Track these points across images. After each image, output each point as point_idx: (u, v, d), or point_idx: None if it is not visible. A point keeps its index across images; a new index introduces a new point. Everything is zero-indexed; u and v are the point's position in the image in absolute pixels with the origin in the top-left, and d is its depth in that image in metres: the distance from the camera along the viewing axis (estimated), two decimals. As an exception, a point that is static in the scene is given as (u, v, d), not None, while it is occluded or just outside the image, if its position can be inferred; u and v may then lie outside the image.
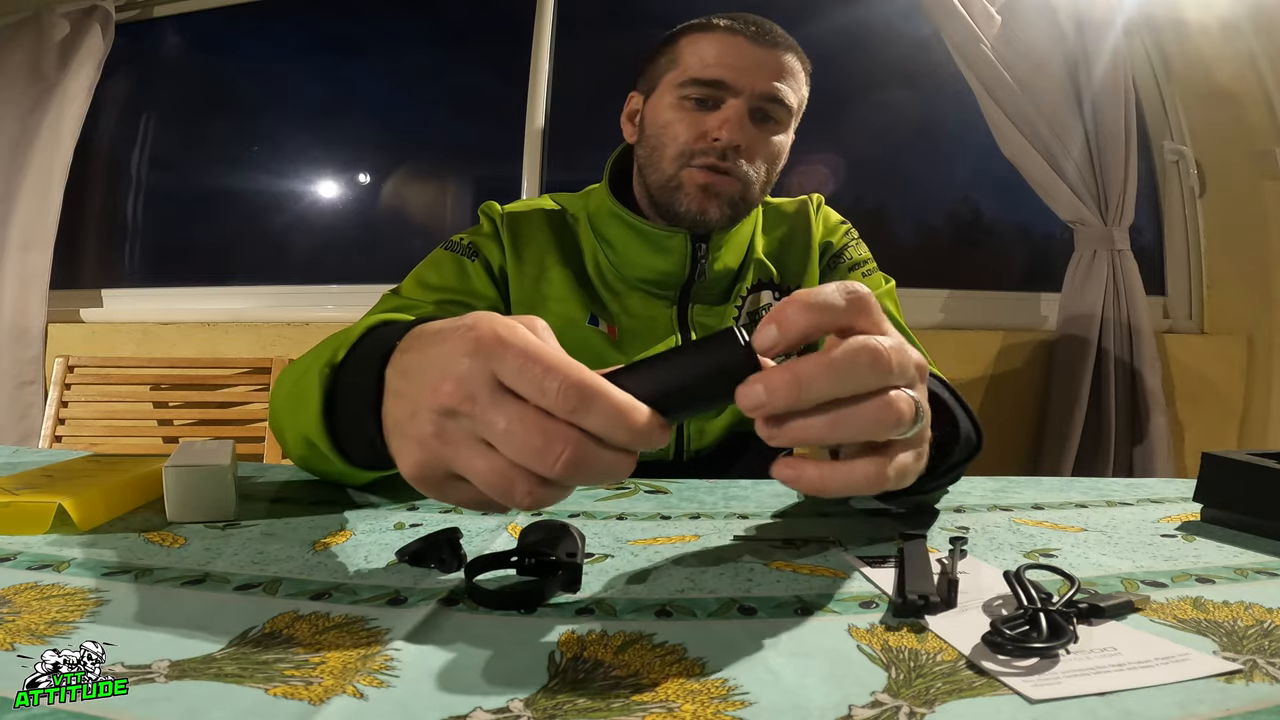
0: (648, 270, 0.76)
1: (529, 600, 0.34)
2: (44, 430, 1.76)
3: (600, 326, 0.76)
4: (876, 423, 0.30)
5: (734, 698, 0.26)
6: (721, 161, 0.72)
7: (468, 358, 0.29)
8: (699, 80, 0.73)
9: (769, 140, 0.75)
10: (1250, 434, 1.68)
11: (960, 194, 1.99)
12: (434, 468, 0.31)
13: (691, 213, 0.73)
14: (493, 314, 0.30)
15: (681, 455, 0.77)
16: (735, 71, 0.72)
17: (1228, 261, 1.71)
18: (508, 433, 0.28)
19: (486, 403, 0.28)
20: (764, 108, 0.73)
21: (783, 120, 0.75)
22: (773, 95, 0.73)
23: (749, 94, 0.72)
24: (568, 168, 1.94)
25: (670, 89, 0.75)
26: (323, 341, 0.51)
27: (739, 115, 0.72)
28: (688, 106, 0.74)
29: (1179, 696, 0.26)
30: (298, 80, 2.18)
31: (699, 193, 0.73)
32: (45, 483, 0.48)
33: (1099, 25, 1.62)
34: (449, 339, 0.31)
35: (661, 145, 0.75)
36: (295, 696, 0.25)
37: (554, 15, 1.95)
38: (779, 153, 0.77)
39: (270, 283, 1.99)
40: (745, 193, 0.74)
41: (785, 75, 0.74)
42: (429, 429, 0.30)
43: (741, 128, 0.72)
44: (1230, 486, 0.48)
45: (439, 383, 0.29)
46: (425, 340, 0.34)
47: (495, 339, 0.28)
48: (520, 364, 0.28)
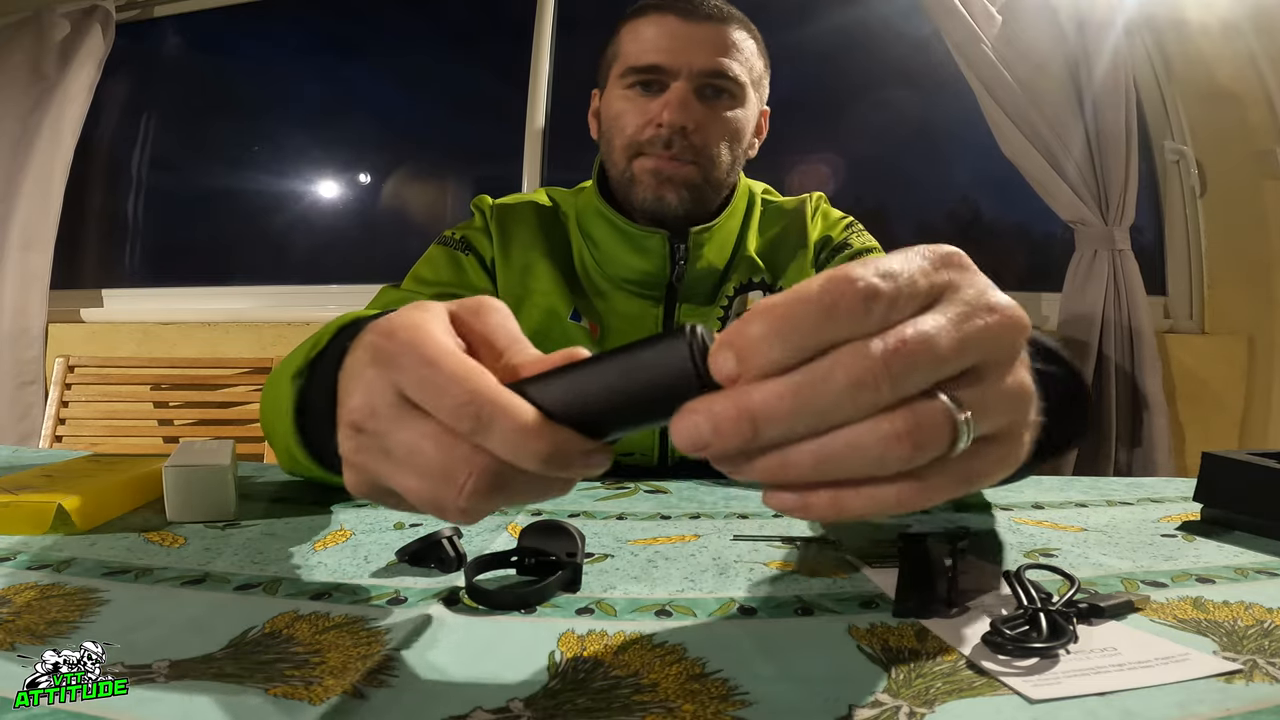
0: (628, 270, 0.75)
1: (529, 600, 0.34)
2: (44, 430, 1.76)
3: (583, 323, 0.75)
4: (885, 455, 0.20)
5: (734, 698, 0.26)
6: (667, 150, 0.70)
7: (370, 367, 0.25)
8: (636, 67, 0.72)
9: (721, 116, 0.72)
10: (1250, 434, 1.68)
11: (960, 194, 1.99)
12: (365, 483, 0.27)
13: (648, 201, 0.72)
14: (413, 309, 0.26)
15: (666, 460, 0.75)
16: (670, 53, 0.70)
17: (1228, 261, 1.71)
18: (410, 455, 0.24)
19: (387, 419, 0.24)
20: (710, 84, 0.71)
21: (735, 94, 0.73)
22: (716, 70, 0.71)
23: (689, 73, 0.70)
24: (568, 168, 1.94)
25: (616, 80, 0.74)
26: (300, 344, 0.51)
27: (681, 96, 0.69)
28: (633, 95, 0.72)
29: (1179, 696, 0.26)
30: (298, 80, 2.18)
31: (652, 179, 0.71)
32: (45, 483, 0.48)
33: (1100, 25, 1.61)
34: (359, 344, 0.27)
35: (612, 138, 0.74)
36: (295, 696, 0.25)
37: (554, 15, 1.95)
38: (739, 128, 0.74)
39: (270, 283, 1.99)
40: (708, 174, 0.72)
41: (728, 48, 0.71)
42: (348, 444, 0.26)
43: (685, 108, 0.69)
44: (1230, 486, 0.48)
45: (346, 397, 0.27)
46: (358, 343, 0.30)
47: (394, 345, 0.24)
48: (419, 375, 0.23)
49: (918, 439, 0.20)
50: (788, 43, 1.88)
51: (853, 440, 0.20)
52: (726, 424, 0.20)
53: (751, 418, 0.20)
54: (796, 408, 0.20)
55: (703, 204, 0.74)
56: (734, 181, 0.77)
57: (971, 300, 0.22)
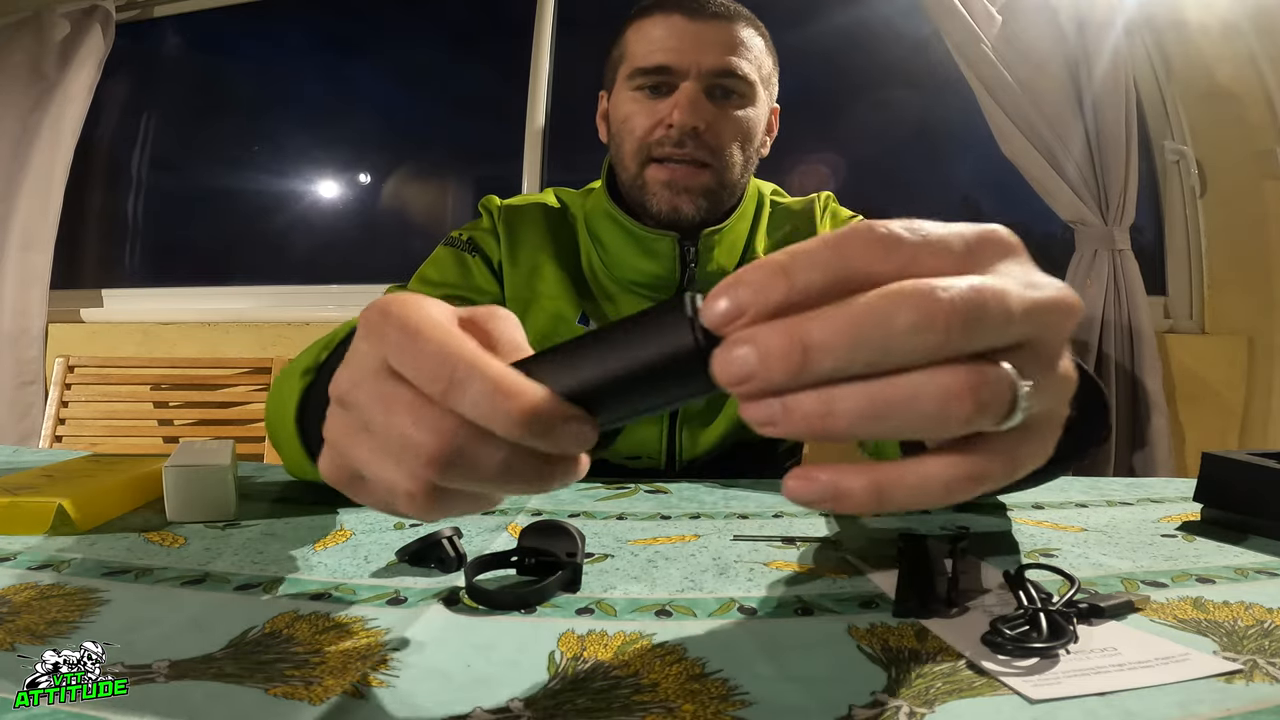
0: (637, 273, 0.73)
1: (529, 600, 0.34)
2: (44, 430, 1.76)
3: (590, 326, 0.74)
4: (944, 410, 0.18)
5: (734, 698, 0.26)
6: (680, 150, 0.69)
7: (363, 341, 0.25)
8: (644, 69, 0.70)
9: (732, 116, 0.71)
10: (1250, 434, 1.68)
11: (960, 194, 1.99)
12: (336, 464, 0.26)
13: (663, 212, 0.71)
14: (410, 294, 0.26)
15: (674, 466, 0.75)
16: (678, 53, 0.69)
17: (1229, 261, 1.71)
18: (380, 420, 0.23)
19: (369, 387, 0.23)
20: (720, 84, 0.70)
21: (746, 93, 0.71)
22: (725, 69, 0.69)
23: (697, 73, 0.69)
24: (568, 168, 1.94)
25: (624, 82, 0.73)
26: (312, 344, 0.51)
27: (690, 97, 0.68)
28: (642, 97, 0.71)
29: (1179, 696, 0.26)
30: (298, 80, 2.18)
31: (665, 190, 0.70)
32: (45, 483, 0.48)
33: (1100, 25, 1.61)
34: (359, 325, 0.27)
35: (622, 141, 0.73)
36: (295, 696, 0.25)
37: (554, 15, 1.95)
38: (750, 128, 0.72)
39: (270, 283, 1.99)
40: (722, 178, 0.71)
41: (737, 46, 0.70)
42: (332, 422, 0.26)
43: (695, 109, 0.68)
44: (1230, 486, 0.48)
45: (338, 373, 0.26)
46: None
47: (383, 318, 0.24)
48: (399, 340, 0.23)
49: (980, 398, 0.18)
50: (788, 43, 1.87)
51: (911, 388, 0.18)
52: (775, 351, 0.18)
53: (803, 345, 0.18)
54: (854, 340, 0.18)
55: (717, 208, 0.73)
56: (745, 184, 0.76)
57: (1024, 274, 0.20)
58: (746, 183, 0.76)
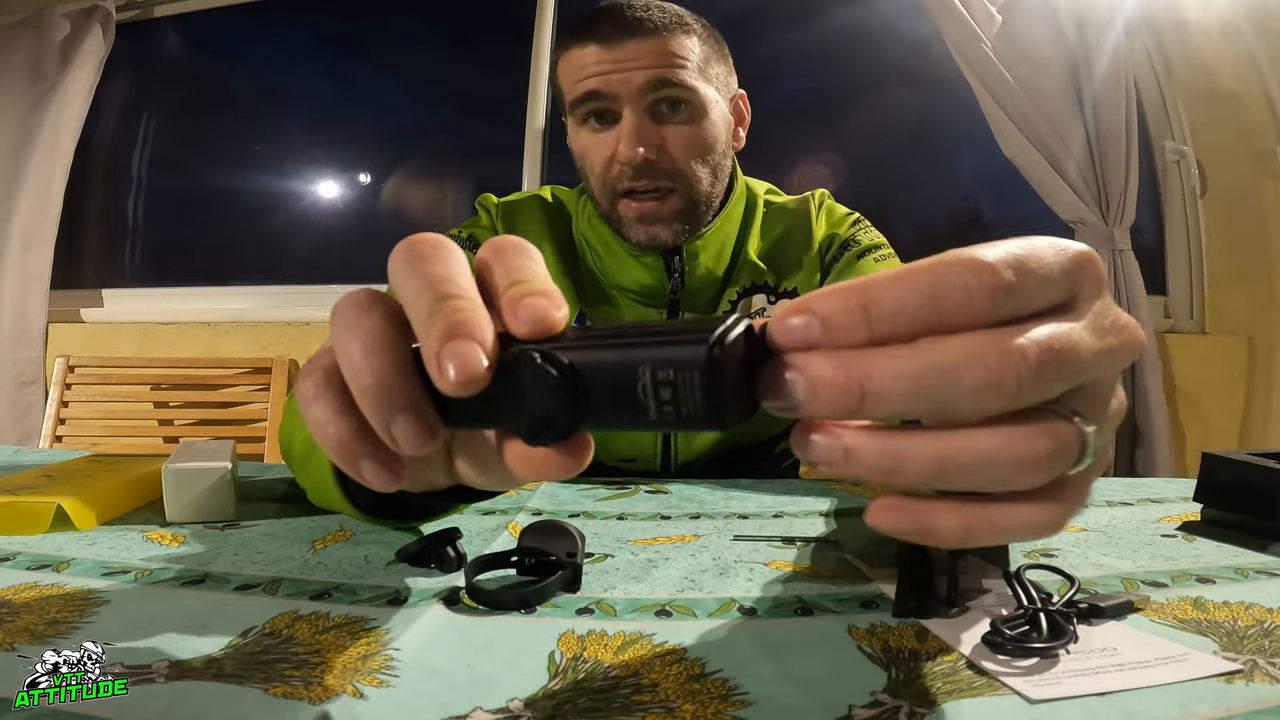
0: (629, 281, 0.73)
1: (529, 600, 0.34)
2: (44, 430, 1.76)
3: (587, 324, 0.74)
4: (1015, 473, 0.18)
5: (734, 698, 0.26)
6: (639, 182, 0.67)
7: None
8: (577, 99, 0.68)
9: (683, 131, 0.67)
10: (1251, 434, 1.68)
11: (960, 194, 1.99)
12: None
13: (642, 243, 0.69)
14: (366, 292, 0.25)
15: (669, 468, 0.74)
16: (604, 79, 0.65)
17: (1229, 261, 1.71)
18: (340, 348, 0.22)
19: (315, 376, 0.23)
20: (661, 98, 0.66)
21: (690, 99, 0.67)
22: (658, 82, 0.65)
23: (631, 97, 0.65)
24: (568, 168, 1.92)
25: (571, 115, 0.71)
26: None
27: (633, 127, 0.65)
28: (589, 130, 0.69)
29: (1179, 696, 0.26)
30: (298, 80, 2.18)
31: (638, 224, 0.68)
32: (45, 483, 0.48)
33: (1100, 25, 1.61)
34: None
35: (587, 176, 0.71)
36: (295, 696, 0.25)
37: (554, 15, 1.95)
38: (706, 137, 0.68)
39: (270, 283, 1.99)
40: (692, 195, 0.69)
41: (667, 57, 0.65)
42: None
43: (639, 137, 0.65)
44: (1230, 486, 0.48)
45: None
46: None
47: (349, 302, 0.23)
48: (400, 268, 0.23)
49: (1054, 461, 0.18)
50: (788, 43, 1.88)
51: (986, 452, 0.18)
52: (826, 389, 0.17)
53: (861, 389, 0.17)
54: (914, 393, 0.17)
55: (698, 224, 0.71)
56: (721, 190, 0.73)
57: (1104, 314, 0.20)
58: (722, 189, 0.73)
